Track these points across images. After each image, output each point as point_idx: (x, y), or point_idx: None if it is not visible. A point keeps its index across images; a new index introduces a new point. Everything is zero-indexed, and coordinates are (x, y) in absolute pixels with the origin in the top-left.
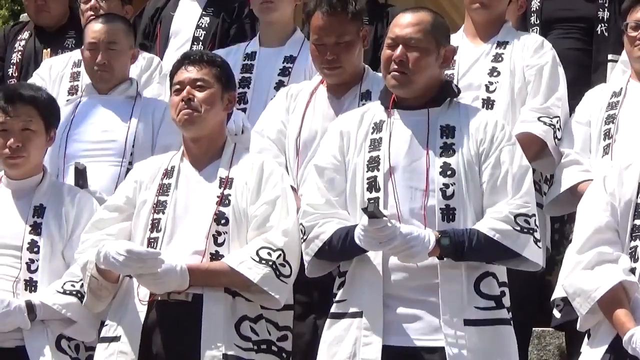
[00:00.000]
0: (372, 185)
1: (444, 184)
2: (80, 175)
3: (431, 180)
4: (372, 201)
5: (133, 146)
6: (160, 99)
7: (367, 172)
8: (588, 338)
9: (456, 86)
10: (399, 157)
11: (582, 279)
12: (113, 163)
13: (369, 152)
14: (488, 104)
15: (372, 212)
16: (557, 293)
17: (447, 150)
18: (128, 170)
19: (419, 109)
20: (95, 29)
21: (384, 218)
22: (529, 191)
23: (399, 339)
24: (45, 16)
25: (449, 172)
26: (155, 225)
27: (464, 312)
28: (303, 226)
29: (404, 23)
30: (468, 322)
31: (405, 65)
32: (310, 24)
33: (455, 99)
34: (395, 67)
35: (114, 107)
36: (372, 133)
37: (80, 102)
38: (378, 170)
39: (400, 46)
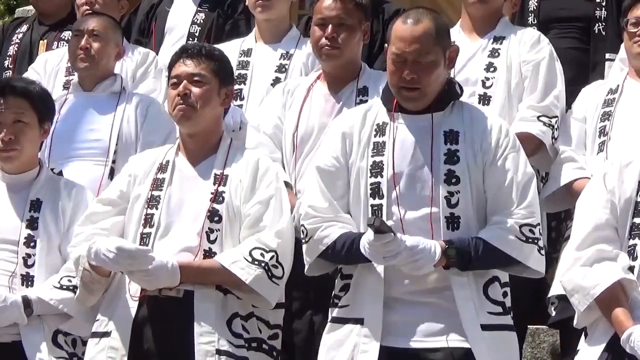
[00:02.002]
0: (376, 191)
1: (448, 192)
2: None
3: (435, 189)
4: (378, 216)
5: (116, 144)
6: (145, 94)
7: (370, 177)
8: (585, 336)
9: (459, 86)
10: (403, 164)
11: (580, 275)
12: (97, 162)
13: (372, 156)
14: (484, 99)
15: (379, 227)
16: (553, 291)
17: (452, 157)
18: (112, 169)
19: (423, 114)
20: (81, 20)
21: (390, 233)
22: (534, 200)
23: (401, 340)
24: (45, 0)
25: (453, 180)
26: (148, 221)
27: (480, 317)
28: (305, 228)
29: (408, 37)
30: (484, 327)
31: (417, 81)
32: (314, 9)
33: (458, 100)
34: (406, 85)
35: (99, 105)
36: (375, 136)
37: (66, 100)
38: (382, 176)
39: (409, 63)
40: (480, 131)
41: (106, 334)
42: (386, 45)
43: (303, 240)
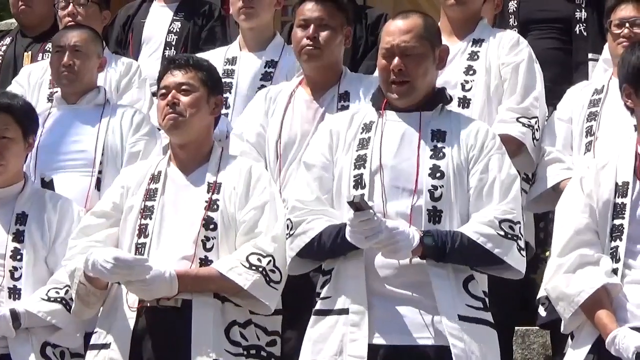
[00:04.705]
0: (358, 182)
1: (432, 186)
2: (47, 188)
3: (420, 181)
4: (358, 194)
5: (102, 155)
6: (130, 104)
7: (353, 170)
8: (571, 339)
9: (449, 94)
10: (389, 157)
11: (564, 283)
12: (83, 173)
13: (357, 150)
14: (464, 102)
15: (358, 203)
16: (543, 292)
17: (438, 153)
18: (98, 179)
19: (412, 112)
20: (61, 35)
21: (369, 210)
22: (516, 199)
23: (386, 337)
24: (27, 12)
25: (438, 175)
26: (142, 231)
27: (457, 308)
28: (290, 221)
29: (397, 31)
30: (462, 318)
31: (405, 74)
32: (296, 12)
33: (447, 106)
34: (395, 77)
35: (83, 117)
36: (361, 133)
37: (49, 113)
38: (364, 168)
39: (397, 55)
40: (467, 133)
41: (105, 346)
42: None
43: (287, 234)
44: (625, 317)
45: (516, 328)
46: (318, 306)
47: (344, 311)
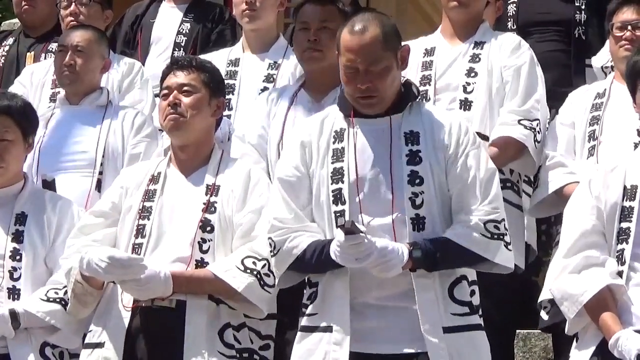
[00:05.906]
0: (338, 197)
1: (412, 193)
2: (49, 188)
3: (400, 191)
4: (349, 219)
5: (103, 156)
6: (131, 105)
7: (331, 184)
8: (576, 341)
9: (416, 87)
10: (365, 169)
11: (569, 283)
12: (84, 174)
13: (332, 163)
14: (465, 105)
15: (349, 228)
16: (544, 295)
17: (414, 158)
18: (99, 181)
19: (381, 117)
20: (66, 35)
21: (361, 234)
22: (497, 195)
23: (372, 346)
24: (30, 12)
25: (417, 181)
26: (140, 231)
27: (442, 320)
28: (273, 240)
29: (358, 48)
30: (447, 330)
31: (372, 89)
32: (297, 15)
33: (416, 101)
34: (362, 94)
35: (85, 118)
36: (333, 142)
37: (53, 114)
38: (343, 182)
39: (361, 73)
40: (440, 130)
41: (99, 345)
42: (337, 52)
43: (271, 253)
44: (629, 320)
45: (517, 331)
46: (304, 322)
47: (328, 329)
